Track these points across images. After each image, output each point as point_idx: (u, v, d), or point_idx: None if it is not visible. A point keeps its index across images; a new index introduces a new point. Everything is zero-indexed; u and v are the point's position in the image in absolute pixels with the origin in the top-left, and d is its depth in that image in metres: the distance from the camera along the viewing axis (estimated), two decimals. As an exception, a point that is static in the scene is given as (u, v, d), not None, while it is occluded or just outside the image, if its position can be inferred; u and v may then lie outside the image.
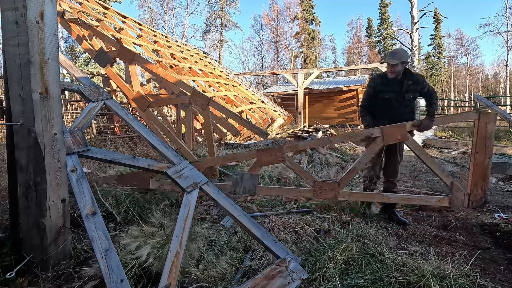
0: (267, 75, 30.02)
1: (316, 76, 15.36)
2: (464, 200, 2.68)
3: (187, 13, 34.13)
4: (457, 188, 2.69)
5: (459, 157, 7.26)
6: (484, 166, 2.61)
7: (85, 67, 24.34)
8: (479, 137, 2.64)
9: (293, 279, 1.73)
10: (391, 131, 2.73)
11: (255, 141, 8.20)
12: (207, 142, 4.61)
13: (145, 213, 2.62)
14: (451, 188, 2.71)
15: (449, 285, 1.64)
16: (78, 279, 1.69)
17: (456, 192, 2.69)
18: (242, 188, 2.88)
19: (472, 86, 41.83)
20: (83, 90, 2.76)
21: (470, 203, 2.68)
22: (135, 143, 6.77)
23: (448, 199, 2.73)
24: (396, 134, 2.72)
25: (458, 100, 35.23)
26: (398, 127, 2.73)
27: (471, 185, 2.67)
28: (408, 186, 4.56)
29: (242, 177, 2.88)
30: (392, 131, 2.73)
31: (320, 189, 2.81)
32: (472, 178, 2.67)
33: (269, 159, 2.89)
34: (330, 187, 2.80)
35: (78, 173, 1.97)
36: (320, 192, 2.82)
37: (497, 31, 28.83)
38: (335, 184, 2.80)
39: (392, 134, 2.73)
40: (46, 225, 1.68)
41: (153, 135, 2.69)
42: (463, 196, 2.68)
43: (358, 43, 42.70)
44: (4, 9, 1.58)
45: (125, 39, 7.21)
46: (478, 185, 2.66)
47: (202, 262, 1.96)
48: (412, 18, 16.03)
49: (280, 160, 2.88)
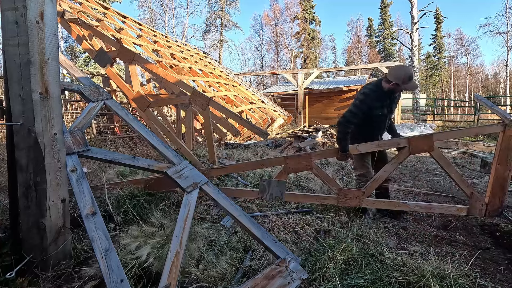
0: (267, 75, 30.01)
1: (316, 76, 15.36)
2: (482, 210, 2.71)
3: (187, 13, 34.15)
4: (476, 198, 2.72)
5: (459, 157, 7.26)
6: (505, 178, 2.62)
7: (85, 67, 24.34)
8: (502, 149, 2.61)
9: (293, 279, 1.73)
10: (418, 142, 2.74)
11: (255, 141, 8.20)
12: (207, 142, 4.61)
13: (145, 213, 2.62)
14: (471, 197, 2.74)
15: (449, 285, 1.64)
16: (78, 279, 1.69)
17: (474, 202, 2.72)
18: (269, 194, 2.85)
19: (472, 86, 41.85)
20: (83, 90, 2.76)
21: (488, 212, 2.70)
22: (135, 143, 6.77)
23: (466, 208, 2.76)
24: (423, 145, 2.74)
25: (458, 100, 35.21)
26: (425, 138, 2.74)
27: (490, 195, 2.69)
28: (408, 186, 4.56)
29: (270, 184, 2.84)
30: (419, 142, 2.74)
31: (345, 196, 2.81)
32: (491, 189, 2.69)
33: (297, 166, 2.88)
34: (355, 195, 2.79)
35: (78, 173, 1.97)
36: (344, 199, 2.81)
37: (497, 31, 28.87)
38: (360, 192, 2.79)
39: (419, 145, 2.74)
40: (46, 225, 1.68)
41: (153, 135, 2.69)
42: (481, 206, 2.71)
43: (358, 43, 42.71)
44: (4, 9, 1.58)
45: (125, 39, 7.21)
46: (497, 196, 2.68)
47: (202, 262, 1.96)
48: (412, 18, 16.04)
49: (308, 167, 2.87)
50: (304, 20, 39.29)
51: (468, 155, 7.48)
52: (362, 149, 2.86)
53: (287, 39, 40.92)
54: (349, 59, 43.20)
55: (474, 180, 5.03)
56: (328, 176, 2.92)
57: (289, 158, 2.90)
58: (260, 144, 7.20)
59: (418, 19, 15.99)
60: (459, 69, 42.90)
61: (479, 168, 5.68)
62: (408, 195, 4.05)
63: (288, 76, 15.28)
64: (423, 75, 37.85)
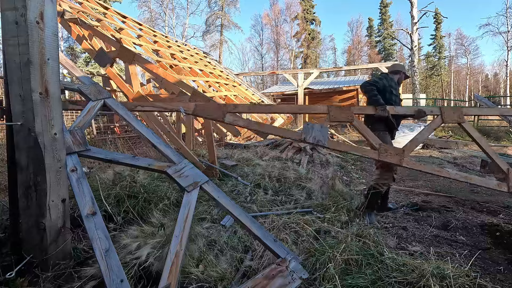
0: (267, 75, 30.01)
1: (316, 76, 15.36)
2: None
3: (187, 13, 34.16)
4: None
5: (459, 157, 7.26)
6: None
7: (85, 67, 24.33)
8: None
9: (293, 278, 1.73)
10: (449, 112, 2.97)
11: (255, 141, 8.19)
12: (207, 142, 4.61)
13: (145, 213, 2.62)
14: (508, 174, 2.90)
15: (449, 285, 1.64)
16: (78, 279, 1.69)
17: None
18: (312, 137, 2.78)
19: (472, 86, 41.85)
20: (82, 89, 2.76)
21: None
22: (135, 143, 6.77)
23: (506, 184, 2.89)
24: (454, 116, 2.95)
25: (458, 100, 35.21)
26: (456, 109, 2.97)
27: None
28: (408, 186, 4.57)
29: (313, 127, 2.80)
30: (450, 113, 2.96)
31: (386, 151, 2.81)
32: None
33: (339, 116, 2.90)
34: (396, 152, 2.81)
35: (78, 173, 1.97)
36: (385, 154, 2.80)
37: (497, 31, 28.88)
38: (401, 150, 2.82)
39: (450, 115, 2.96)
40: (46, 225, 1.68)
41: (153, 134, 2.68)
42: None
43: (358, 43, 42.71)
44: (4, 9, 1.58)
45: (125, 39, 7.20)
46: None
47: (202, 262, 1.96)
48: (412, 18, 16.04)
49: (350, 119, 2.89)
50: (304, 20, 39.28)
51: (468, 155, 7.48)
52: (399, 110, 3.07)
53: (287, 39, 40.95)
54: (349, 59, 43.19)
55: (474, 180, 5.02)
56: (369, 130, 2.93)
57: (332, 107, 2.93)
58: (260, 144, 7.20)
59: (418, 19, 15.99)
60: (459, 69, 42.91)
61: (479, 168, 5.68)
62: (408, 195, 4.05)
63: (288, 76, 15.28)
64: (423, 75, 37.84)
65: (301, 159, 5.80)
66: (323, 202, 3.18)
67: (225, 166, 4.59)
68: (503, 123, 11.46)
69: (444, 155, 7.67)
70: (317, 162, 5.81)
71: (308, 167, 5.29)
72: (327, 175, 4.83)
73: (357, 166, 6.26)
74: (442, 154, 7.99)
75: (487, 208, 3.45)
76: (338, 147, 2.96)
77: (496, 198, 3.88)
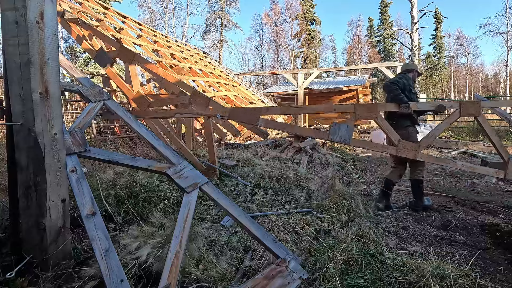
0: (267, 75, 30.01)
1: (316, 76, 15.36)
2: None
3: (187, 13, 34.16)
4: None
5: (459, 157, 7.26)
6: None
7: (85, 67, 24.33)
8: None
9: (293, 279, 1.73)
10: (467, 106, 3.16)
11: (255, 141, 8.20)
12: (207, 142, 4.61)
13: (145, 213, 2.62)
14: (507, 162, 3.15)
15: (449, 285, 1.64)
16: (78, 279, 1.69)
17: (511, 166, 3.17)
18: (338, 137, 3.03)
19: (472, 86, 41.84)
20: (82, 91, 2.76)
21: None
22: (135, 143, 6.77)
23: (503, 172, 3.15)
24: (472, 110, 3.13)
25: (458, 100, 35.19)
26: (473, 103, 3.15)
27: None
28: (409, 186, 4.56)
29: (340, 127, 3.02)
30: (468, 107, 3.16)
31: (404, 147, 3.06)
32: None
33: (365, 115, 3.11)
34: (412, 147, 3.06)
35: (78, 174, 1.97)
36: (403, 150, 3.07)
37: (497, 31, 28.88)
38: (416, 145, 3.07)
39: (468, 109, 3.14)
40: (46, 225, 1.68)
41: (153, 135, 2.68)
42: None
43: (358, 43, 42.70)
44: (4, 9, 1.58)
45: (125, 39, 7.21)
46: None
47: (202, 262, 1.95)
48: (412, 18, 16.04)
49: (374, 117, 3.10)
50: (304, 20, 39.27)
51: (468, 155, 7.49)
52: (421, 106, 3.28)
53: (287, 39, 40.94)
54: (349, 59, 43.18)
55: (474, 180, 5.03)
56: (390, 127, 3.17)
57: (358, 105, 3.16)
58: (260, 144, 7.20)
59: (418, 19, 15.98)
60: (459, 69, 42.89)
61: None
62: (408, 195, 4.05)
63: (288, 76, 15.28)
64: (423, 75, 37.82)
65: (301, 159, 5.80)
66: (323, 202, 3.18)
67: (225, 166, 4.59)
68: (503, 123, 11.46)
69: (444, 155, 7.67)
70: (317, 162, 5.81)
71: (308, 167, 5.29)
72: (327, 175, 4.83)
73: (357, 166, 6.26)
74: (442, 154, 7.99)
75: (487, 208, 3.45)
76: (361, 145, 3.29)
77: (496, 198, 3.88)
